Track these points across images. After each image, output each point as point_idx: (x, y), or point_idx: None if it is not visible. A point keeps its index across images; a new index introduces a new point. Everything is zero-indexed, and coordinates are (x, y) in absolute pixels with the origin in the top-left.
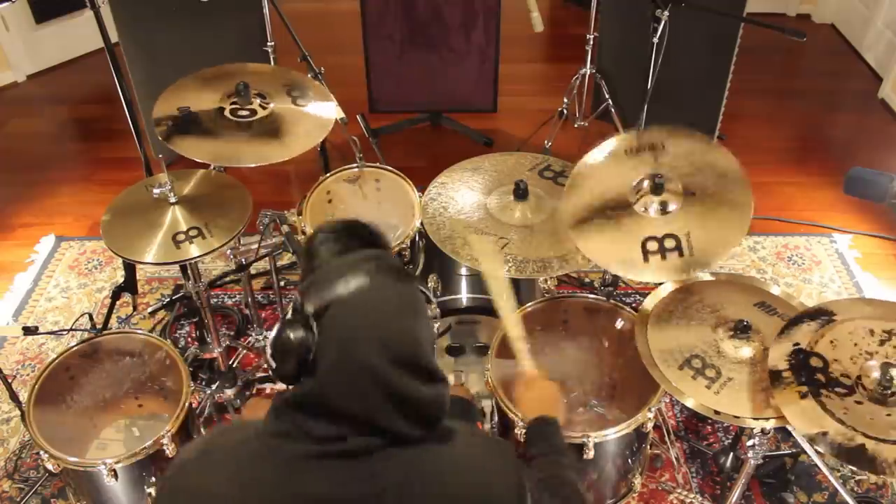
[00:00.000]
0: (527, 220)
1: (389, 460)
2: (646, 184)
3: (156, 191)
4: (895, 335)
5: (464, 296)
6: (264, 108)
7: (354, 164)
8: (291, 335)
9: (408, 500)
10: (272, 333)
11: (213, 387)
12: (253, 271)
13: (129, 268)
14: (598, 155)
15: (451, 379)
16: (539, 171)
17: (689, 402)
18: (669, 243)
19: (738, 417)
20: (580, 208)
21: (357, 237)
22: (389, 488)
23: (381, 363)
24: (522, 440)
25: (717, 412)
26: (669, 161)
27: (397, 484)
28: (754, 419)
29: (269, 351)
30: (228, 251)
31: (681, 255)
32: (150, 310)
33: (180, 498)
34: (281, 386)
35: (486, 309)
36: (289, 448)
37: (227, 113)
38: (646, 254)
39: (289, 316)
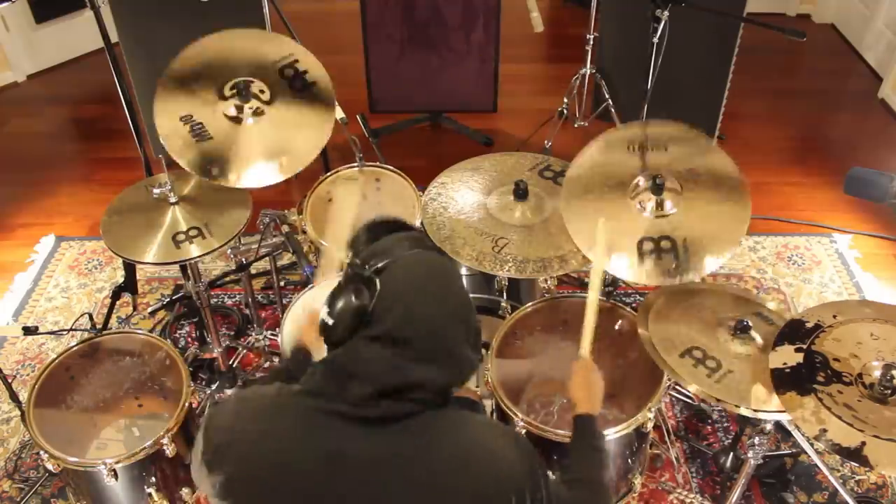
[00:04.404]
0: (527, 220)
1: (411, 428)
2: (642, 182)
3: (156, 191)
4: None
5: None
6: (267, 104)
7: (354, 164)
8: (351, 293)
9: (420, 468)
10: (328, 296)
11: (213, 387)
12: (253, 271)
13: (129, 268)
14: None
15: None
16: (539, 170)
17: (692, 388)
18: (665, 245)
19: (738, 406)
20: (580, 185)
21: (397, 225)
22: (406, 454)
23: (440, 314)
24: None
25: (718, 400)
26: (669, 159)
27: (414, 450)
28: (755, 410)
29: (325, 311)
30: (229, 251)
31: (676, 258)
32: (150, 310)
33: (212, 434)
34: None
35: (486, 309)
36: (319, 405)
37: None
38: (641, 254)
39: (342, 280)
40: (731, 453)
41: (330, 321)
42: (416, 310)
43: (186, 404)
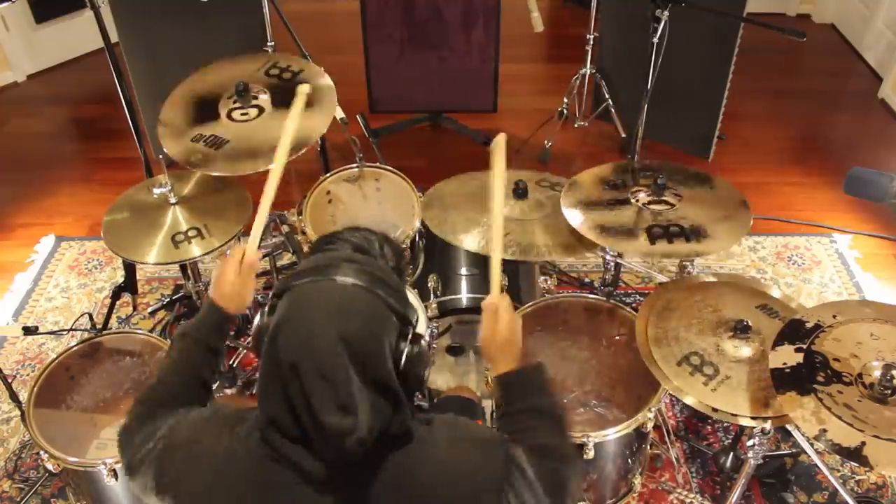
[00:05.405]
0: (527, 215)
1: (361, 477)
2: (643, 194)
3: (156, 191)
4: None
5: (464, 296)
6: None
7: (354, 164)
8: (262, 314)
9: None
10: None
11: (213, 387)
12: None
13: (129, 268)
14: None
15: (451, 380)
16: (535, 180)
17: (688, 400)
18: (675, 230)
19: (735, 416)
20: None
21: (363, 243)
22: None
23: (297, 358)
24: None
25: (714, 409)
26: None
27: (379, 496)
28: (752, 418)
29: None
30: (228, 251)
31: (687, 240)
32: (150, 310)
33: (161, 481)
34: None
35: None
36: (267, 453)
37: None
38: (652, 238)
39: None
40: (731, 453)
41: (252, 342)
42: (275, 350)
43: None
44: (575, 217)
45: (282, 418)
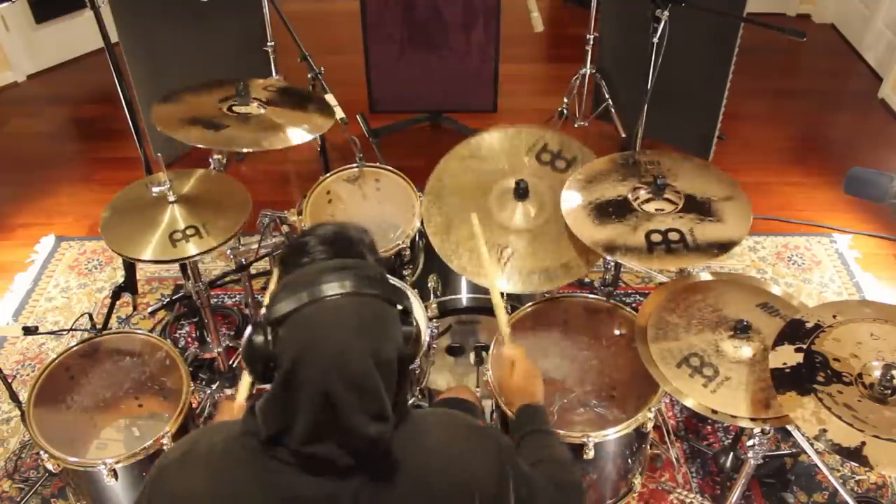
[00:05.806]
0: (529, 221)
1: (361, 472)
2: (643, 192)
3: (155, 189)
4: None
5: (464, 296)
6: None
7: (354, 164)
8: (255, 339)
9: (385, 497)
10: (246, 333)
11: (213, 387)
12: (253, 271)
13: (129, 268)
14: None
15: (451, 380)
16: (536, 153)
17: (688, 402)
18: (674, 236)
19: (735, 417)
20: (579, 208)
21: (342, 245)
22: (365, 487)
23: (328, 384)
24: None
25: (714, 411)
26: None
27: (373, 482)
28: (751, 419)
29: (241, 350)
30: (228, 251)
31: (686, 248)
32: (150, 310)
33: (160, 499)
34: None
35: (486, 309)
36: (266, 450)
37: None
38: (651, 245)
39: (260, 318)
40: (731, 453)
41: (244, 362)
42: (302, 379)
43: (186, 404)
44: (573, 198)
45: (298, 435)
